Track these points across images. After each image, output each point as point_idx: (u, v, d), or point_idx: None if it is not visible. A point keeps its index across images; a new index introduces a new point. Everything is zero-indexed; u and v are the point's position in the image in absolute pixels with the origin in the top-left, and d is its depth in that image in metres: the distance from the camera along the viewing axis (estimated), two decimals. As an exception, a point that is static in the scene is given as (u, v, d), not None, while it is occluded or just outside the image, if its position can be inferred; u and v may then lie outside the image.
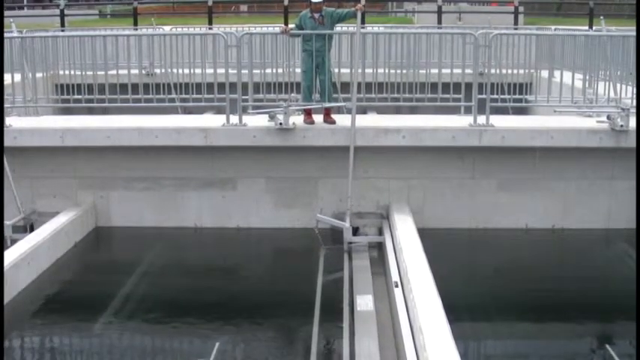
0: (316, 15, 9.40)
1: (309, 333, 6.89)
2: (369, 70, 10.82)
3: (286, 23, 18.42)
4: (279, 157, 9.60)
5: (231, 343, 7.00)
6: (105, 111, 11.43)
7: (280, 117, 9.17)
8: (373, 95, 11.08)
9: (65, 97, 11.39)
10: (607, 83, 10.54)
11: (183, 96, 11.57)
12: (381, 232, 9.38)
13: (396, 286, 7.24)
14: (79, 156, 9.73)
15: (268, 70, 11.74)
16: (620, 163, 9.46)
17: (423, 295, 6.53)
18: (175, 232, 9.81)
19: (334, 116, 9.73)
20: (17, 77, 10.70)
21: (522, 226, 9.73)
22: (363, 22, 9.64)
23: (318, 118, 9.64)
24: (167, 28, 17.55)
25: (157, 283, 8.50)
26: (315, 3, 9.28)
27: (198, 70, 11.09)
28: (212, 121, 10.11)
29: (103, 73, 10.65)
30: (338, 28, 10.65)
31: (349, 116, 9.36)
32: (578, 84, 10.93)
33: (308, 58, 9.48)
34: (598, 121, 9.48)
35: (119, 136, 9.47)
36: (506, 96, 11.08)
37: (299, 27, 9.51)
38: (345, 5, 20.73)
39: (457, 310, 6.68)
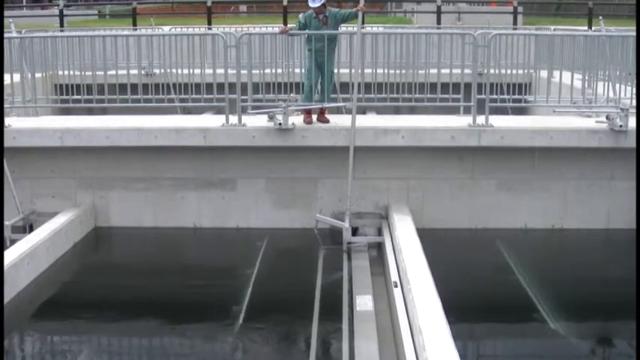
0: (320, 16, 9.42)
1: (309, 333, 6.89)
2: (368, 71, 10.84)
3: (285, 23, 18.43)
4: (279, 157, 9.60)
5: (230, 343, 7.00)
6: (104, 111, 11.43)
7: (279, 117, 9.17)
8: (372, 95, 11.09)
9: (64, 97, 11.38)
10: (606, 83, 10.54)
11: (183, 96, 11.59)
12: (380, 233, 9.38)
13: (396, 286, 7.24)
14: (78, 156, 9.73)
15: (267, 71, 11.75)
16: (619, 163, 9.46)
17: (423, 296, 6.53)
18: (175, 233, 9.81)
19: (329, 116, 9.75)
20: (16, 77, 10.70)
21: (522, 226, 9.73)
22: (362, 22, 9.64)
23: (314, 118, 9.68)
24: (166, 29, 17.56)
25: (156, 283, 8.50)
26: (316, 7, 9.31)
27: (197, 71, 11.08)
28: (211, 121, 10.11)
29: (102, 73, 10.65)
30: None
31: (348, 116, 9.36)
32: (578, 84, 10.93)
33: (311, 57, 9.51)
34: (597, 121, 9.49)
35: (118, 137, 9.47)
36: (506, 96, 11.08)
37: (303, 25, 9.52)
38: (344, 5, 20.74)
39: (456, 310, 6.68)
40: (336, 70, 10.18)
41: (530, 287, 8.13)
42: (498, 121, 9.63)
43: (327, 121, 9.61)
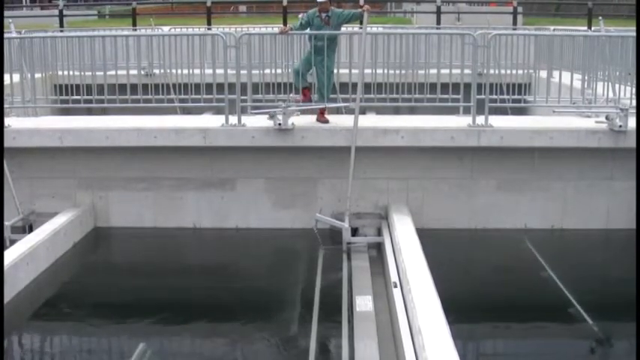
0: (323, 15, 9.43)
1: (308, 333, 6.90)
2: (367, 71, 10.82)
3: (285, 23, 18.42)
4: (278, 157, 9.61)
5: (230, 344, 7.01)
6: (104, 111, 11.42)
7: (280, 117, 9.18)
8: (372, 95, 11.09)
9: (64, 97, 11.37)
10: (606, 83, 10.55)
11: (182, 96, 11.58)
12: (380, 233, 9.38)
13: (395, 286, 7.25)
14: (78, 156, 9.73)
15: (267, 71, 11.76)
16: (619, 163, 9.47)
17: (422, 296, 6.54)
18: (174, 233, 9.82)
19: (329, 116, 9.76)
20: (16, 78, 10.70)
21: (521, 226, 9.73)
22: (361, 22, 9.65)
23: (313, 118, 9.67)
24: (166, 29, 17.55)
25: (155, 283, 8.50)
26: (321, 3, 9.31)
27: (197, 71, 11.08)
28: (211, 121, 10.11)
29: (101, 73, 10.65)
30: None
31: (348, 117, 9.36)
32: (577, 84, 10.94)
33: (314, 55, 9.51)
34: (597, 122, 9.49)
35: (118, 137, 9.47)
36: (505, 96, 11.09)
37: (305, 22, 9.53)
38: (344, 6, 20.74)
39: (456, 310, 6.68)
40: (336, 71, 10.19)
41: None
42: (498, 121, 9.63)
43: (327, 122, 9.61)
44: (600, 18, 13.33)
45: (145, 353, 6.62)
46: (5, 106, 9.83)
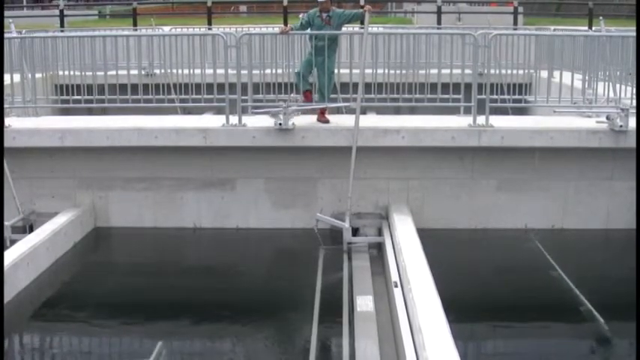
0: (323, 15, 9.42)
1: (309, 333, 6.89)
2: (368, 71, 10.83)
3: (285, 23, 18.43)
4: (279, 157, 9.60)
5: (230, 344, 7.01)
6: (104, 111, 11.42)
7: (280, 117, 9.17)
8: (372, 95, 11.09)
9: (64, 97, 11.37)
10: (606, 83, 10.55)
11: (183, 96, 11.59)
12: (380, 233, 9.37)
13: (396, 286, 7.24)
14: (78, 156, 9.73)
15: (267, 71, 11.75)
16: (619, 163, 9.47)
17: (423, 295, 6.54)
18: (174, 233, 9.81)
19: (329, 116, 9.76)
20: (16, 78, 10.70)
21: (522, 226, 9.73)
22: (362, 22, 9.65)
23: (314, 118, 9.67)
24: (166, 29, 17.55)
25: (156, 283, 8.50)
26: (322, 2, 9.30)
27: (197, 71, 11.09)
28: (211, 121, 10.11)
29: (102, 73, 10.65)
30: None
31: (348, 116, 9.36)
32: (578, 84, 10.94)
33: (315, 56, 9.50)
34: (597, 122, 9.49)
35: (118, 137, 9.47)
36: (506, 96, 11.09)
37: (306, 22, 9.52)
38: (344, 6, 20.74)
39: (456, 309, 6.68)
40: (336, 71, 10.19)
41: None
42: (498, 121, 9.63)
43: (327, 122, 9.61)
44: (601, 18, 13.35)
45: (162, 353, 6.62)
46: (5, 106, 9.82)
